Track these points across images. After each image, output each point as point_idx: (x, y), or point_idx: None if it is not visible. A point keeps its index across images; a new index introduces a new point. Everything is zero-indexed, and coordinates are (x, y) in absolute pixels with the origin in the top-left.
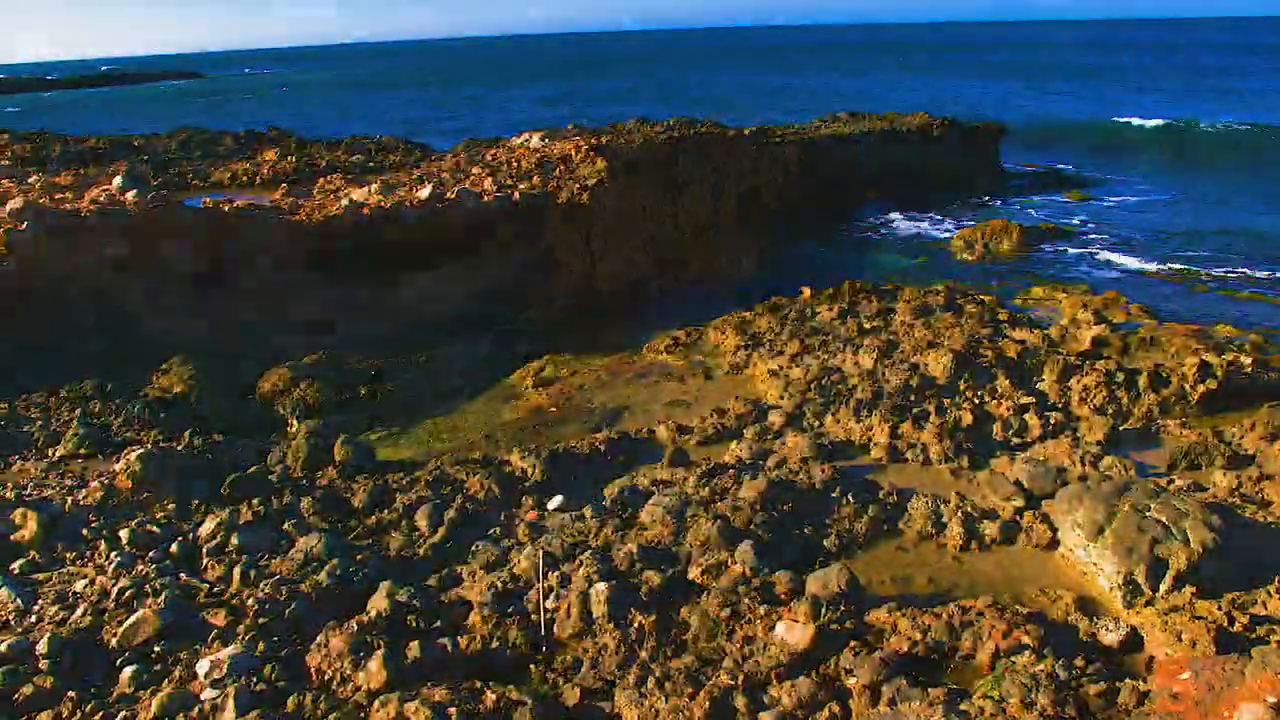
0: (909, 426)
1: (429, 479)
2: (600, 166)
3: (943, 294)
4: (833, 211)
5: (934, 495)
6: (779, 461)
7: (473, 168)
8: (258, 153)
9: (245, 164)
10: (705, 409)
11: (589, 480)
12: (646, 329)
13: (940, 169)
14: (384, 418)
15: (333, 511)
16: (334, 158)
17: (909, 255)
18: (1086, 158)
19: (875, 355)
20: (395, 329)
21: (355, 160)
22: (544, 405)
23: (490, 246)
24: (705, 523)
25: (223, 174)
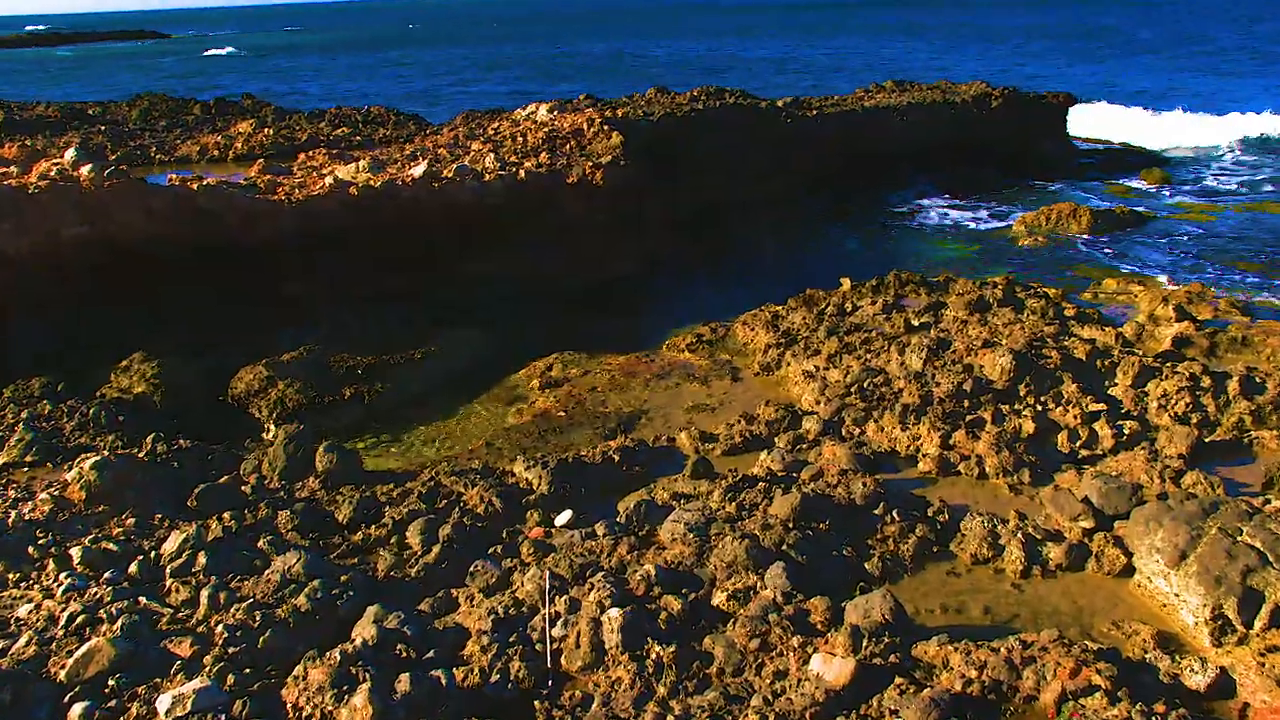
0: (962, 436)
1: (422, 491)
2: (615, 142)
3: (1001, 287)
4: (876, 192)
5: (990, 514)
6: (815, 474)
7: (473, 143)
8: (230, 124)
9: (216, 137)
10: (732, 414)
11: (601, 493)
12: (666, 324)
13: (1000, 145)
14: (372, 422)
15: (314, 527)
16: (316, 131)
17: (963, 242)
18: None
19: (924, 355)
20: (386, 323)
21: (340, 134)
22: (551, 409)
23: (492, 231)
24: (732, 542)
25: (190, 148)
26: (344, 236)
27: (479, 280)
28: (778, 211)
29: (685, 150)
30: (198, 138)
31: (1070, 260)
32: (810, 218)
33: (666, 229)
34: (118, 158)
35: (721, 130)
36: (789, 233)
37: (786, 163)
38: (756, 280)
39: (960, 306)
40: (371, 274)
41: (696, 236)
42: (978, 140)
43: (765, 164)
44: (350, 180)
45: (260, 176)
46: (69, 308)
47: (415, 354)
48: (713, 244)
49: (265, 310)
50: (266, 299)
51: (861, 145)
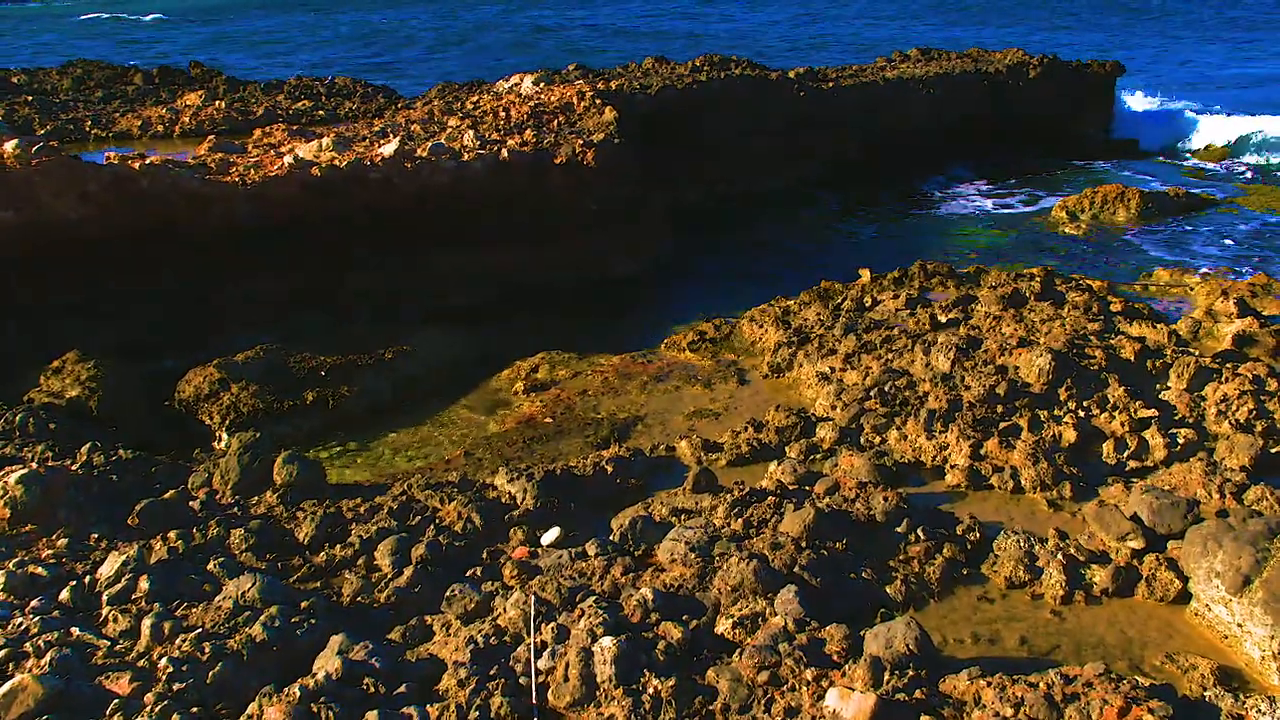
0: (995, 445)
1: (393, 506)
2: (609, 118)
3: (1039, 278)
4: (899, 174)
5: (1027, 532)
6: (830, 487)
7: (449, 118)
8: (176, 96)
9: (160, 110)
10: (738, 421)
11: (592, 509)
12: (665, 320)
13: (1038, 120)
14: (338, 430)
15: (271, 547)
16: (274, 104)
17: (996, 229)
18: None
19: (952, 355)
20: (353, 319)
21: (301, 107)
22: (537, 415)
23: (472, 216)
24: (738, 563)
25: (131, 122)
26: (306, 223)
27: (457, 272)
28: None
29: (687, 126)
30: (139, 111)
31: (1117, 249)
32: (825, 201)
33: (665, 214)
34: (47, 133)
35: (727, 104)
36: (801, 218)
37: (799, 140)
38: (765, 271)
39: (993, 301)
40: (337, 265)
41: (698, 222)
42: (1013, 115)
43: (775, 141)
44: (312, 160)
45: (210, 155)
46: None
47: (386, 354)
48: (716, 230)
49: (217, 305)
50: (219, 292)
51: (883, 121)
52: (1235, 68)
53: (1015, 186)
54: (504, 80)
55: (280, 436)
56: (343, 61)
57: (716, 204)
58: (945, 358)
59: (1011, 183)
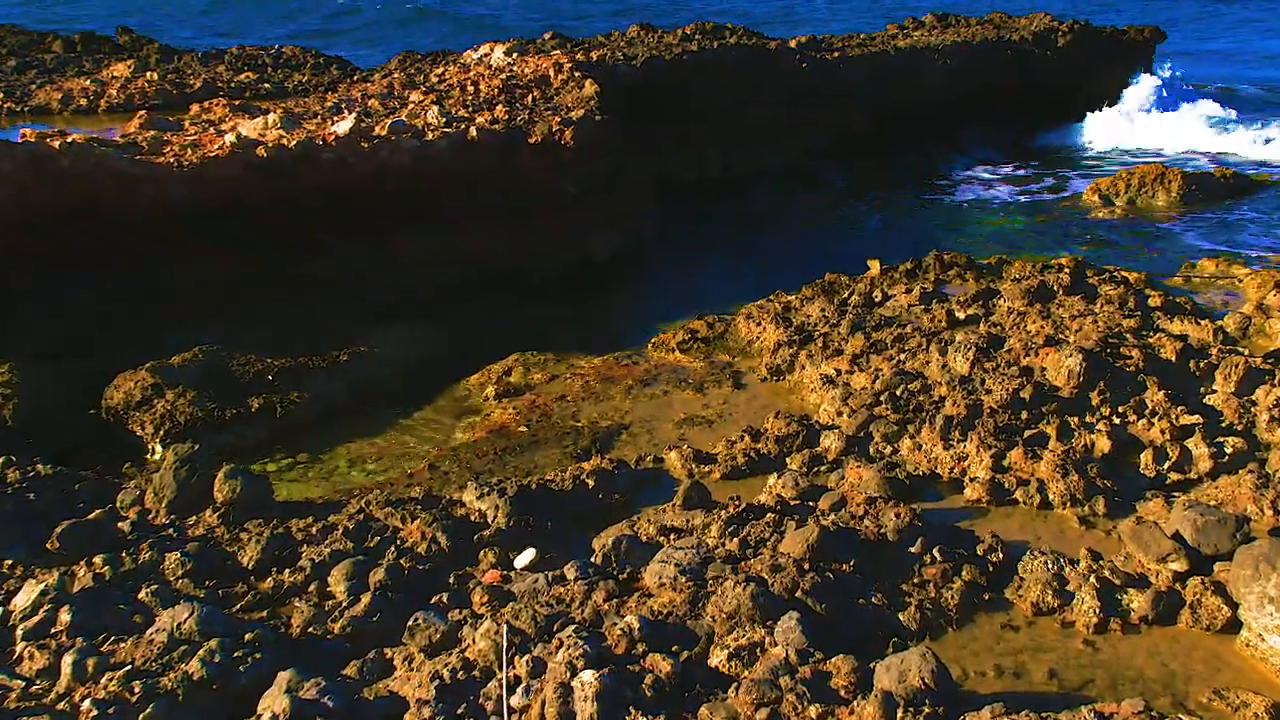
0: (1019, 455)
1: (349, 526)
2: (589, 92)
3: (1068, 270)
4: (913, 152)
5: (1056, 553)
6: (836, 503)
7: (412, 93)
8: (102, 66)
9: (84, 81)
10: (733, 429)
11: (572, 527)
12: (653, 317)
13: (1067, 93)
14: (287, 440)
15: (211, 573)
16: (213, 76)
17: (1020, 215)
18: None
19: (971, 355)
20: (304, 316)
21: (244, 80)
22: (510, 423)
23: (437, 202)
24: (733, 587)
25: (50, 95)
26: (250, 209)
27: (421, 263)
28: (790, 177)
29: (676, 101)
30: (59, 82)
31: (1156, 236)
32: (830, 185)
33: (652, 200)
34: None
35: (721, 77)
36: (804, 203)
37: (801, 117)
38: (763, 262)
39: (1017, 295)
40: (286, 255)
41: (689, 209)
42: (1040, 87)
43: (775, 119)
44: (257, 138)
45: (142, 133)
46: None
47: (341, 355)
48: (709, 217)
49: (149, 301)
50: (151, 287)
51: (893, 95)
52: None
53: (1042, 167)
54: (472, 50)
55: (221, 448)
56: (292, 27)
57: (709, 188)
58: (964, 358)
59: (1037, 163)
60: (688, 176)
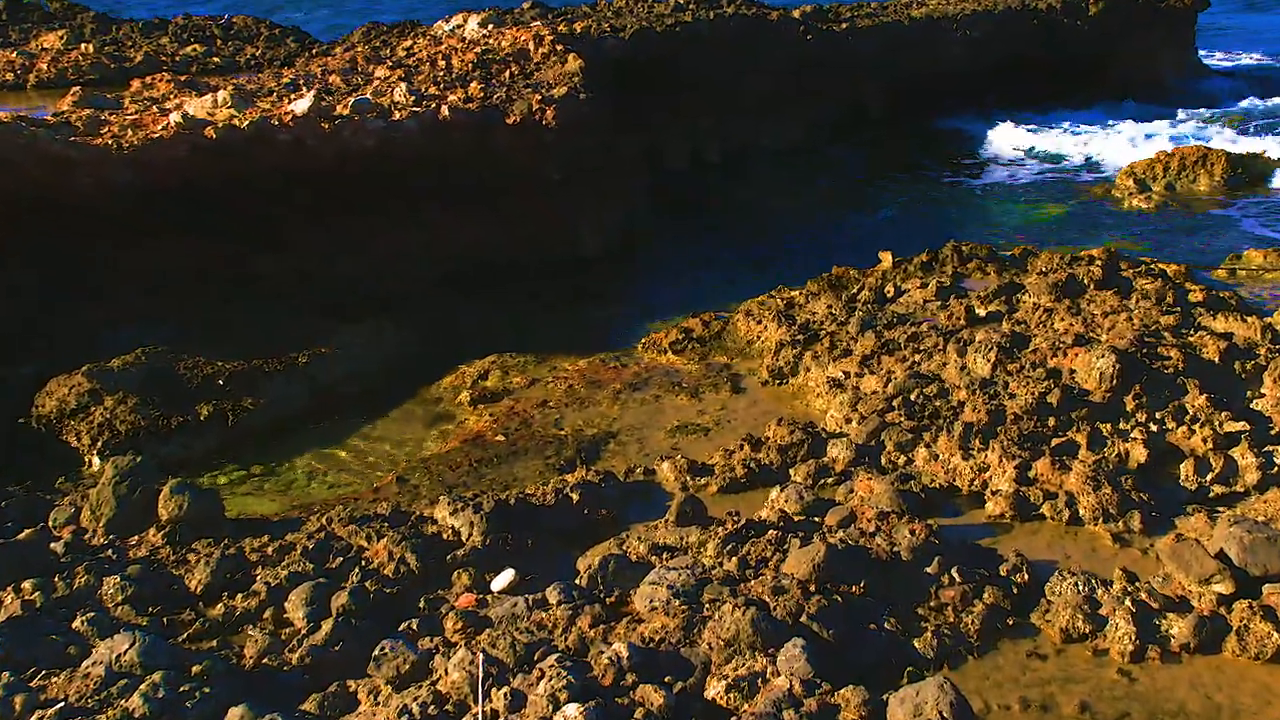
0: (1046, 466)
1: (308, 546)
2: (573, 68)
3: (1100, 262)
4: (928, 133)
5: (1087, 573)
6: (845, 518)
7: (376, 68)
8: (30, 36)
9: (10, 54)
10: (731, 438)
11: (555, 546)
12: (643, 314)
13: (1099, 67)
14: (239, 450)
15: (155, 598)
16: (156, 48)
17: (1047, 201)
18: None
19: (993, 356)
20: (259, 314)
21: (191, 53)
22: (487, 431)
23: (403, 188)
24: (732, 611)
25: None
26: (198, 195)
27: (387, 256)
28: (794, 160)
29: (669, 79)
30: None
31: (1198, 225)
32: (838, 168)
33: (642, 186)
34: None
35: (718, 50)
36: (809, 189)
37: (806, 95)
38: (764, 253)
39: (1043, 290)
40: (238, 247)
41: (684, 194)
42: (1069, 61)
43: (777, 96)
44: (206, 118)
45: (76, 112)
46: None
47: (299, 357)
48: (705, 203)
49: (86, 297)
50: (88, 282)
51: (907, 69)
52: None
53: (1071, 149)
54: (444, 21)
55: (166, 460)
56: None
57: (705, 172)
58: (985, 359)
59: (1066, 144)
60: (682, 160)
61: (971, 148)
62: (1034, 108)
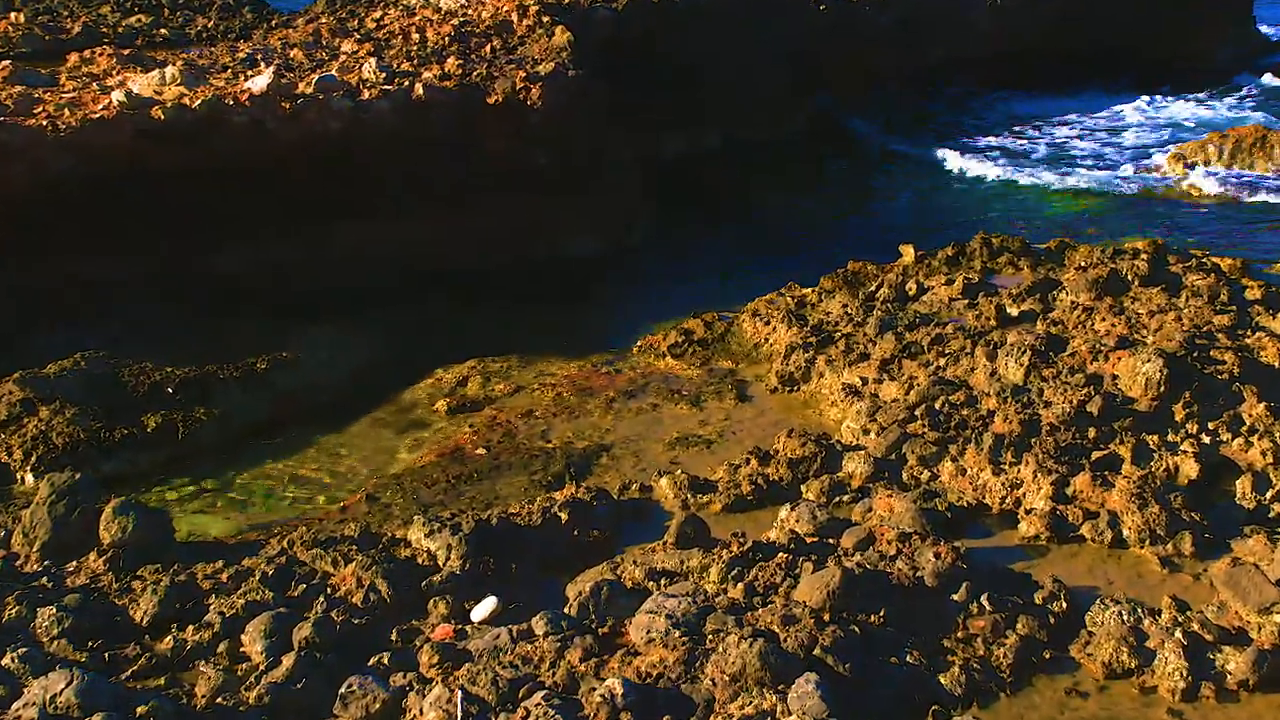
0: (1085, 482)
1: (267, 571)
2: (561, 41)
3: (1145, 255)
4: (953, 112)
5: (1132, 601)
6: (862, 540)
7: (343, 41)
8: None
9: None
10: (737, 451)
11: (541, 572)
12: (638, 314)
13: (1143, 43)
14: (191, 465)
15: (96, 631)
16: (96, 18)
17: (1085, 188)
18: None
19: (1027, 360)
20: (213, 316)
21: (135, 24)
22: (466, 443)
23: (374, 177)
24: (738, 643)
25: None
26: (144, 185)
27: (356, 252)
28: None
29: (665, 53)
30: None
31: (1255, 214)
32: (854, 155)
33: (638, 174)
34: None
35: (721, 24)
36: (822, 177)
37: (818, 73)
38: (772, 247)
39: (1081, 287)
40: (190, 242)
41: (683, 185)
42: (1109, 36)
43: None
44: (153, 97)
45: (6, 89)
46: None
47: (258, 363)
48: (706, 192)
49: (18, 297)
50: (20, 279)
51: (929, 45)
52: None
53: (1111, 129)
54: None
55: (109, 477)
56: None
57: (707, 158)
58: (1017, 364)
59: (1106, 125)
60: (681, 145)
61: (1000, 129)
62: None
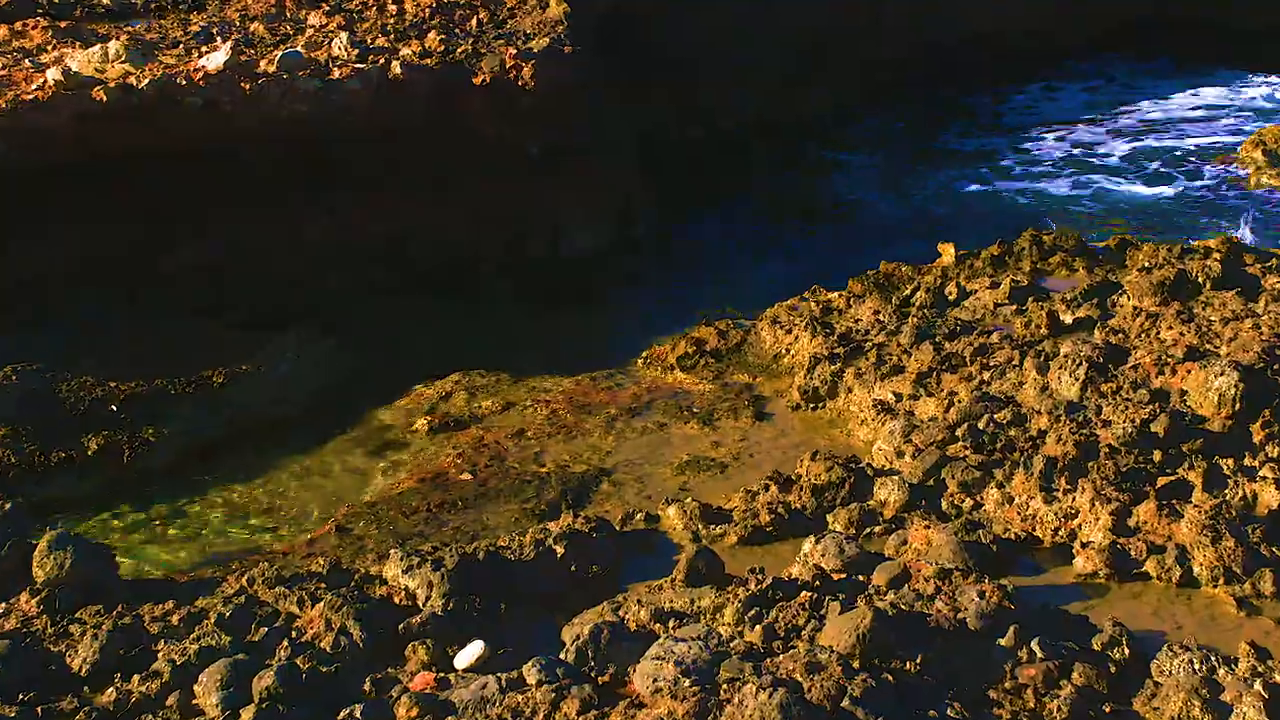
0: (1149, 512)
1: (223, 612)
2: (556, 13)
3: (1219, 255)
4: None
5: (1205, 648)
6: (896, 577)
7: (310, 13)
8: None
9: None
10: (754, 476)
11: (533, 612)
12: (644, 322)
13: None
14: (137, 492)
15: (28, 682)
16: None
17: (1147, 178)
18: None
19: (1083, 374)
20: (163, 323)
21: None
22: (450, 467)
23: (344, 166)
24: (756, 694)
25: None
26: (84, 174)
27: (325, 251)
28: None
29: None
30: None
31: None
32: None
33: (642, 164)
34: None
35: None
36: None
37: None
38: (792, 245)
39: (1145, 290)
40: (136, 239)
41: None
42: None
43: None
44: (94, 75)
45: None
46: None
47: (215, 375)
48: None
49: None
50: None
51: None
52: None
53: (1175, 111)
54: None
55: (45, 505)
56: None
57: (719, 146)
58: (1072, 378)
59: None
60: (690, 131)
61: (1049, 112)
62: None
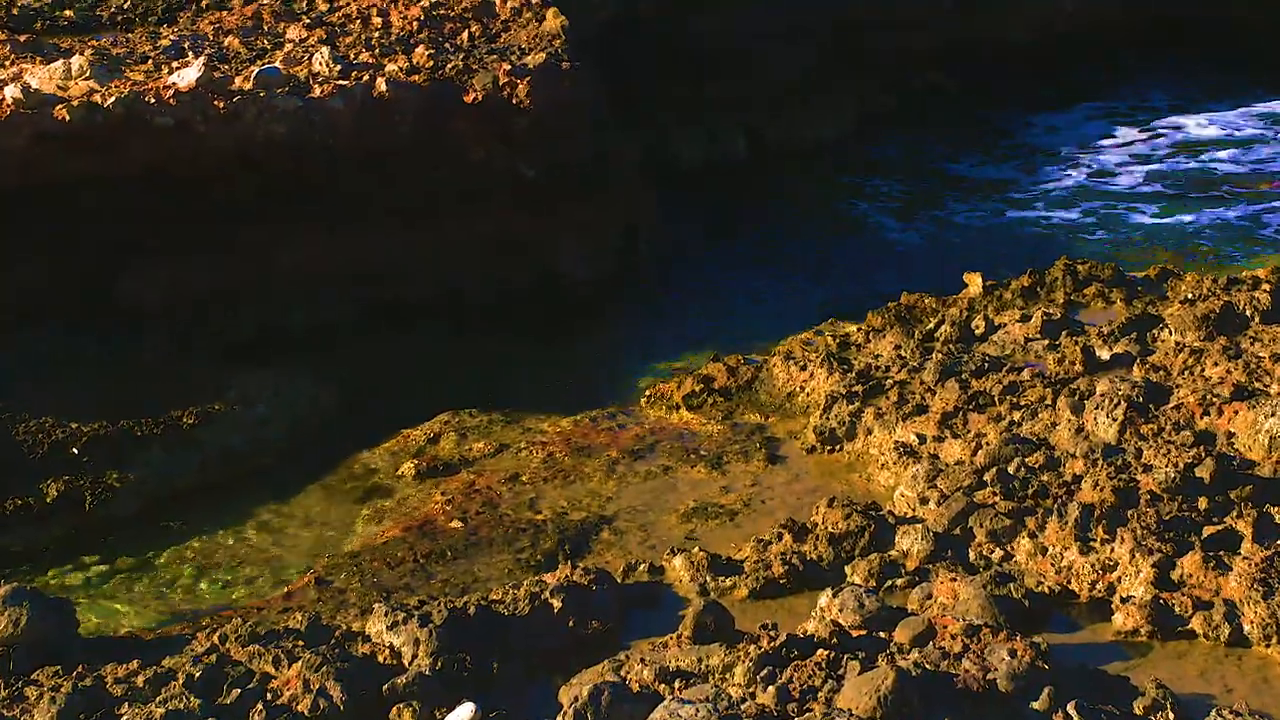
0: (1195, 564)
1: (193, 673)
2: (553, 27)
3: (1267, 286)
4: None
5: (1257, 714)
6: (920, 634)
7: (289, 26)
8: None
9: None
10: (766, 524)
11: (529, 671)
12: (648, 358)
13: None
14: (100, 542)
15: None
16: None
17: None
18: None
19: (1121, 414)
20: (130, 359)
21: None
22: (438, 515)
23: (325, 191)
24: None
25: None
26: (45, 199)
27: (306, 281)
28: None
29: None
30: None
31: None
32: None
33: (646, 187)
34: None
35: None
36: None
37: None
38: (808, 275)
39: (1188, 324)
40: (101, 269)
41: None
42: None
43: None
44: (57, 94)
45: None
46: None
47: (185, 416)
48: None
49: None
50: None
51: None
52: None
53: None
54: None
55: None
56: None
57: (729, 170)
58: (1109, 419)
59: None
60: (698, 154)
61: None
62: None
